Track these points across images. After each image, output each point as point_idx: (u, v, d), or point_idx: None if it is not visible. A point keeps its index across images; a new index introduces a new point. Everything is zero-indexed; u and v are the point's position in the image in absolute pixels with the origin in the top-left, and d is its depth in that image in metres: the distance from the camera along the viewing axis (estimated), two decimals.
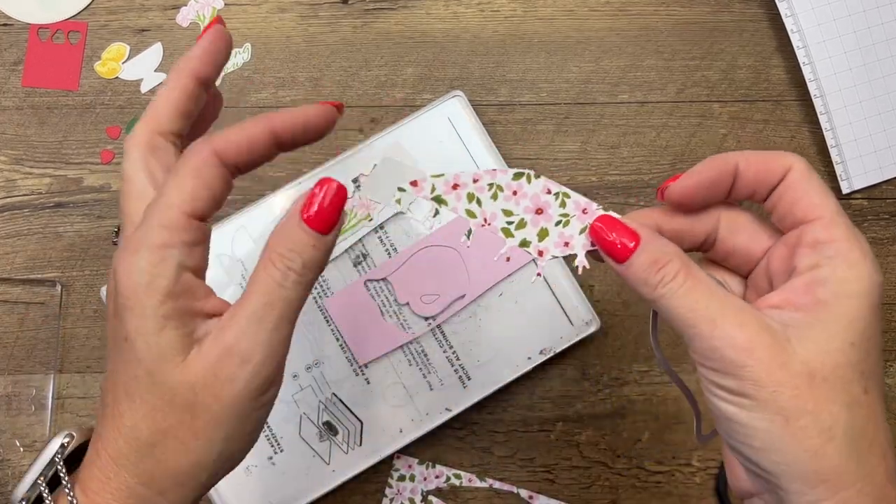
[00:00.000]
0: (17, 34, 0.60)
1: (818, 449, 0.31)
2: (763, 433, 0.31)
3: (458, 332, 0.57)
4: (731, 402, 0.32)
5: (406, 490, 0.58)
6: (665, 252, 0.33)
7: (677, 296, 0.32)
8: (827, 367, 0.31)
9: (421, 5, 0.61)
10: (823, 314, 0.32)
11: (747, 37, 0.61)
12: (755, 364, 0.31)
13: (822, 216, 0.33)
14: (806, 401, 0.31)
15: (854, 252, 0.32)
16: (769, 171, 0.34)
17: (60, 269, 0.59)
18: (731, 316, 0.32)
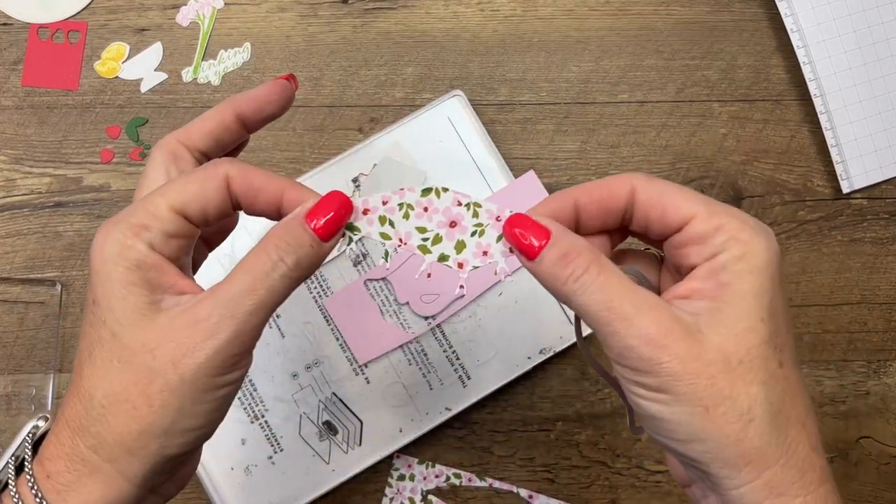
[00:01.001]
0: (17, 33, 0.60)
1: (739, 433, 0.31)
2: (685, 426, 0.31)
3: (458, 331, 0.57)
4: (651, 400, 0.32)
5: (406, 490, 0.58)
6: (574, 246, 0.33)
7: (589, 291, 0.32)
8: (741, 349, 0.31)
9: (421, 5, 0.61)
10: (729, 296, 0.32)
11: (747, 36, 0.61)
12: (670, 359, 0.31)
13: (697, 213, 0.33)
14: (722, 387, 0.31)
15: (744, 231, 0.32)
16: (612, 198, 0.35)
17: (60, 269, 0.59)
18: (644, 313, 0.31)
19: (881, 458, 0.59)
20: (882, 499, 0.59)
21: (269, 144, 0.60)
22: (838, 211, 0.60)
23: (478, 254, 0.36)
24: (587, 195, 0.35)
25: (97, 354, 0.32)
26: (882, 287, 0.60)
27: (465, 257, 0.36)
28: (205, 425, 0.33)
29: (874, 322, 0.60)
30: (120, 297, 0.32)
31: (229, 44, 0.61)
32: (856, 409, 0.59)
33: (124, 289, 0.32)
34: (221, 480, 0.56)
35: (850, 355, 0.60)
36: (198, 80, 0.60)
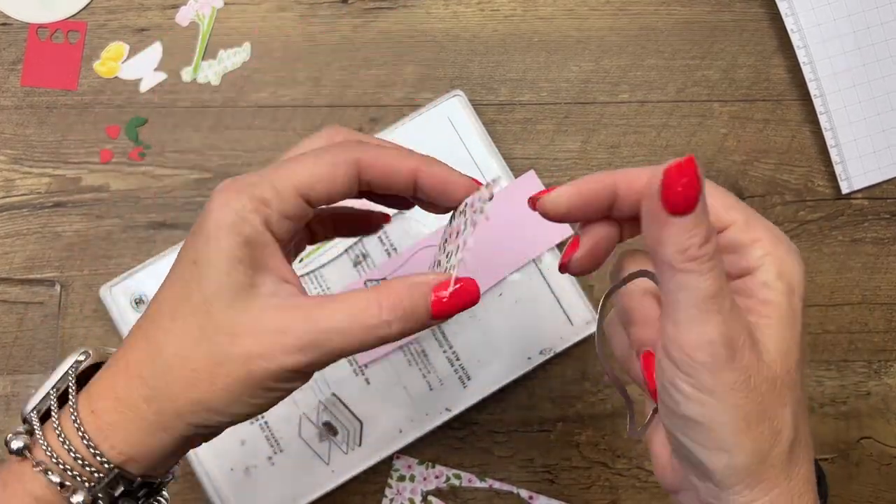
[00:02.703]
0: (17, 33, 0.60)
1: (767, 452, 0.31)
2: (721, 435, 0.31)
3: (458, 332, 0.57)
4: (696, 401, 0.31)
5: (406, 490, 0.58)
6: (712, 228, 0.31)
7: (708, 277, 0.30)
8: (783, 370, 0.31)
9: (421, 5, 0.61)
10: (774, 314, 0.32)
11: (747, 36, 0.61)
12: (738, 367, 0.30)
13: (735, 219, 0.33)
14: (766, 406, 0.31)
15: (779, 248, 0.32)
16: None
17: (59, 269, 0.59)
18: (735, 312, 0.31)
19: (882, 459, 0.59)
20: (883, 499, 0.59)
21: (269, 144, 0.60)
22: (839, 211, 0.60)
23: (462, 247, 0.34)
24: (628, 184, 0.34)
25: (181, 312, 0.33)
26: (883, 287, 0.60)
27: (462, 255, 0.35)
28: (251, 414, 0.34)
29: (875, 322, 0.60)
30: (224, 270, 0.32)
31: (229, 43, 0.60)
32: (857, 410, 0.59)
33: (229, 263, 0.32)
34: (221, 481, 0.56)
35: (851, 355, 0.59)
36: (197, 80, 0.60)
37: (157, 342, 0.33)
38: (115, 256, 0.59)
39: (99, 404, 0.33)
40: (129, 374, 0.33)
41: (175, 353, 0.32)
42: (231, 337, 0.32)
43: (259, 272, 0.33)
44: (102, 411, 0.33)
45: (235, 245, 0.32)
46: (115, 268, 0.58)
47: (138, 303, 0.56)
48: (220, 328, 0.32)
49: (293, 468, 0.56)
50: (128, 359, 0.34)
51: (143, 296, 0.56)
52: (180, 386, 0.32)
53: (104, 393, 0.34)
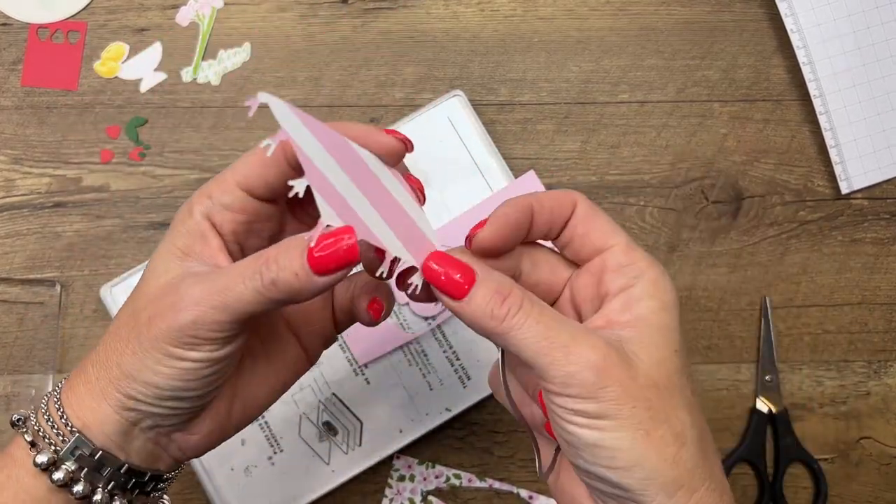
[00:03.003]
0: (17, 33, 0.60)
1: (675, 456, 0.32)
2: (626, 452, 0.32)
3: (458, 332, 0.57)
4: (592, 427, 0.32)
5: (406, 490, 0.58)
6: (505, 283, 0.33)
7: (527, 326, 0.32)
8: (664, 377, 0.33)
9: (421, 5, 0.61)
10: (646, 328, 0.33)
11: (747, 36, 0.61)
12: (612, 383, 0.31)
13: (618, 242, 0.35)
14: (658, 410, 0.32)
15: (654, 269, 0.35)
16: (561, 208, 0.36)
17: (59, 269, 0.59)
18: (581, 339, 0.32)
19: (882, 459, 0.59)
20: (883, 499, 0.59)
21: None
22: (839, 211, 0.60)
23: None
24: (540, 205, 0.35)
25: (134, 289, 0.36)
26: (882, 287, 0.60)
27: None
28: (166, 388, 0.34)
29: (875, 322, 0.60)
30: (160, 253, 0.36)
31: (229, 44, 0.60)
32: (856, 410, 0.59)
33: (166, 247, 0.36)
34: (221, 481, 0.56)
35: (851, 356, 0.59)
36: (197, 80, 0.60)
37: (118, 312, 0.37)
38: (116, 256, 0.59)
39: (74, 378, 0.36)
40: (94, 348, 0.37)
41: (114, 324, 0.36)
42: (145, 305, 0.35)
43: (189, 256, 0.35)
44: (70, 381, 0.36)
45: (177, 234, 0.36)
46: (116, 268, 0.59)
47: None
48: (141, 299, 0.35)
49: (293, 468, 0.56)
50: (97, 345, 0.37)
51: None
52: (111, 352, 0.35)
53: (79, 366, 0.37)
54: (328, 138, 0.33)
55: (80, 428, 0.35)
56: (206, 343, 0.34)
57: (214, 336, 0.33)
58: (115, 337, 0.35)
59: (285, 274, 0.32)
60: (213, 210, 0.36)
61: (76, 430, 0.35)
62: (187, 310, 0.33)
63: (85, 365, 0.36)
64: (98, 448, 0.35)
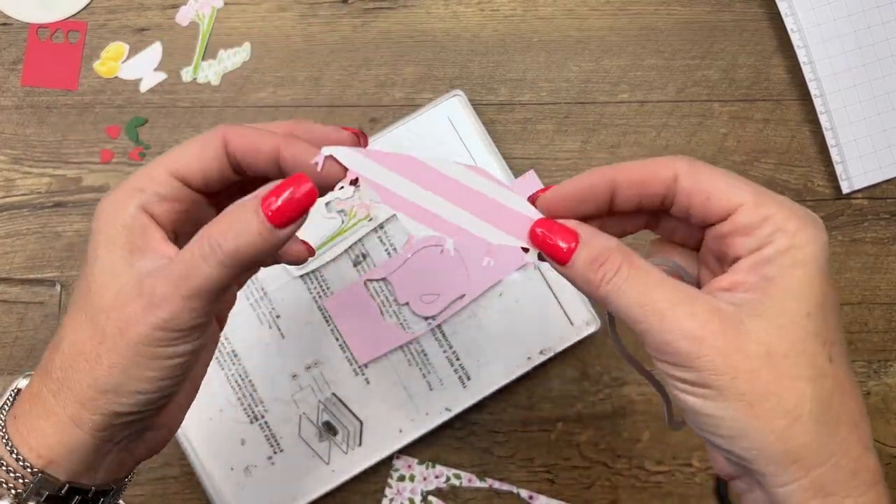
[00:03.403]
0: (17, 33, 0.60)
1: (785, 430, 0.30)
2: (729, 421, 0.31)
3: (458, 332, 0.57)
4: (693, 394, 0.31)
5: (406, 490, 0.58)
6: (604, 248, 0.33)
7: (622, 291, 0.32)
8: (785, 343, 0.30)
9: (421, 5, 0.61)
10: (773, 290, 0.31)
11: (747, 36, 0.61)
12: (709, 352, 0.30)
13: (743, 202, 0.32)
14: (766, 382, 0.30)
15: (790, 222, 0.31)
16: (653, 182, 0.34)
17: (59, 269, 0.59)
18: (679, 306, 0.31)
19: (882, 459, 0.59)
20: None
21: None
22: (839, 211, 0.60)
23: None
24: (626, 176, 0.34)
25: (73, 306, 0.34)
26: (882, 287, 0.60)
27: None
28: (154, 391, 0.34)
29: (875, 322, 0.60)
30: (100, 256, 0.34)
31: (229, 43, 0.60)
32: None
33: (105, 248, 0.34)
34: (221, 481, 0.56)
35: (851, 355, 0.59)
36: (197, 80, 0.60)
37: (59, 338, 0.34)
38: None
39: (19, 409, 0.34)
40: (39, 374, 0.34)
41: (69, 343, 0.34)
42: (105, 315, 0.33)
43: (135, 252, 0.34)
44: (21, 414, 0.34)
45: (112, 231, 0.34)
46: None
47: None
48: (99, 309, 0.33)
49: (293, 468, 0.56)
50: (41, 362, 0.35)
51: None
52: (77, 373, 0.33)
53: (24, 397, 0.35)
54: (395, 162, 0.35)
55: (42, 466, 0.33)
56: (189, 333, 0.33)
57: (194, 324, 0.33)
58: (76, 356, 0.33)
59: (246, 237, 0.32)
60: (149, 202, 0.34)
61: (37, 469, 0.33)
62: (160, 308, 0.32)
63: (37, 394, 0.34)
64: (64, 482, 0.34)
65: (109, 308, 0.33)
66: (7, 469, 0.33)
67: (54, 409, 0.33)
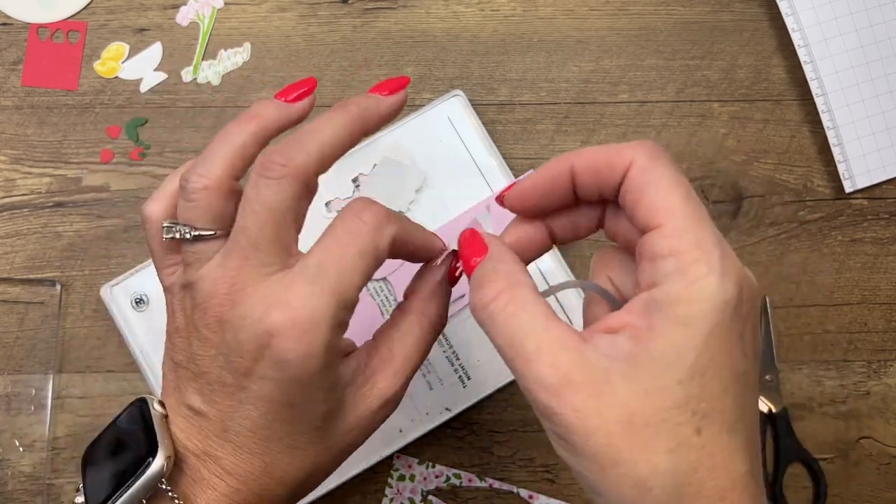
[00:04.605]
0: (17, 33, 0.60)
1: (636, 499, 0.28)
2: (585, 479, 0.29)
3: (457, 332, 0.57)
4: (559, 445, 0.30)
5: (406, 490, 0.58)
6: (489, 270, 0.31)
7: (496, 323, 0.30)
8: (648, 410, 0.28)
9: (421, 5, 0.61)
10: (651, 345, 0.28)
11: (748, 36, 0.61)
12: (565, 411, 0.28)
13: (664, 223, 0.29)
14: (620, 449, 0.28)
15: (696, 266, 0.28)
16: (609, 168, 0.31)
17: (60, 269, 0.59)
18: (545, 354, 0.29)
19: (881, 459, 0.59)
20: (882, 499, 0.59)
21: None
22: (839, 211, 0.60)
23: None
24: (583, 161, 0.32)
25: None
26: (882, 287, 0.60)
27: None
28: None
29: (875, 322, 0.60)
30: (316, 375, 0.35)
31: (229, 44, 0.60)
32: (856, 410, 0.59)
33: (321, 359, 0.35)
34: None
35: (851, 355, 0.59)
36: (198, 80, 0.60)
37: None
38: (116, 256, 0.59)
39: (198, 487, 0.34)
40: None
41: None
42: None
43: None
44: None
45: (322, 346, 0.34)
46: (116, 268, 0.59)
47: (139, 303, 0.56)
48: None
49: None
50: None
51: (144, 296, 0.56)
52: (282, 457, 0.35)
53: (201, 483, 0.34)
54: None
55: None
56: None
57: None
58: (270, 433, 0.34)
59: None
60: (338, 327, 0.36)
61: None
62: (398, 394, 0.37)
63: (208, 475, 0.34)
64: None
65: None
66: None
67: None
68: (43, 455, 0.57)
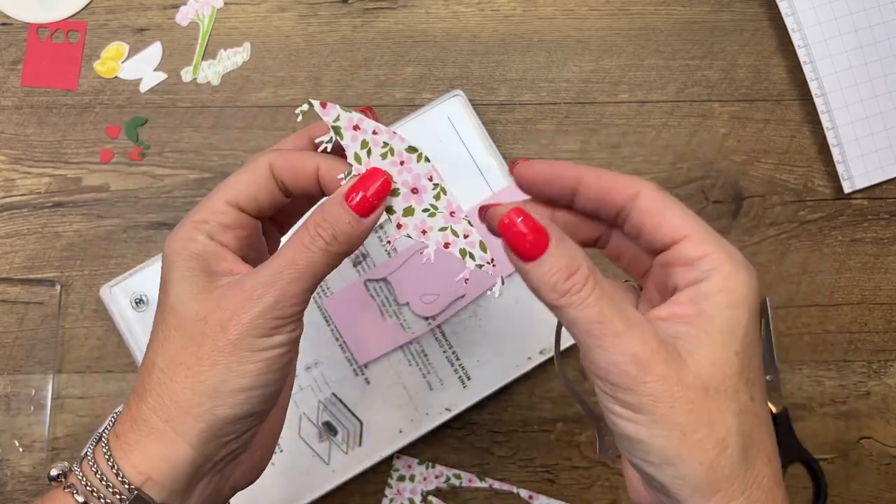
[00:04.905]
0: (17, 33, 0.60)
1: (713, 461, 0.31)
2: (660, 449, 0.32)
3: (457, 332, 0.57)
4: (629, 420, 0.32)
5: (406, 490, 0.58)
6: (575, 258, 0.33)
7: (585, 305, 0.32)
8: (717, 378, 0.32)
9: (421, 4, 0.61)
10: (708, 325, 0.33)
11: (748, 36, 0.61)
12: (654, 379, 0.31)
13: (689, 235, 0.34)
14: (701, 413, 0.31)
15: (727, 264, 0.33)
16: (613, 191, 0.35)
17: (59, 269, 0.59)
18: (634, 330, 0.32)
19: (882, 459, 0.59)
20: (882, 499, 0.59)
21: (269, 144, 0.59)
22: (839, 211, 0.60)
23: (418, 228, 0.37)
24: (592, 178, 0.36)
25: (159, 328, 0.36)
26: (882, 287, 0.60)
27: (406, 222, 0.38)
28: (253, 387, 0.35)
29: (875, 322, 0.60)
30: (179, 280, 0.36)
31: (229, 44, 0.60)
32: (856, 410, 0.59)
33: (184, 273, 0.36)
34: None
35: (851, 355, 0.59)
36: (197, 80, 0.60)
37: (149, 359, 0.36)
38: (116, 256, 0.59)
39: (119, 429, 0.36)
40: (136, 396, 0.36)
41: (163, 359, 0.35)
42: (202, 321, 0.35)
43: (213, 275, 0.36)
44: (123, 434, 0.35)
45: (187, 259, 0.36)
46: (116, 268, 0.59)
47: (138, 303, 0.56)
48: (190, 320, 0.35)
49: (293, 468, 0.56)
50: (134, 385, 0.37)
51: (144, 296, 0.56)
52: (176, 383, 0.35)
53: (123, 419, 0.36)
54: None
55: (140, 484, 0.34)
56: (289, 321, 0.35)
57: (295, 311, 0.35)
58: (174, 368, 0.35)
59: (340, 226, 0.35)
60: (214, 231, 0.37)
61: (134, 487, 0.34)
62: (266, 293, 0.34)
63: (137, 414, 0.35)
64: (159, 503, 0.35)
65: (204, 315, 0.35)
66: (107, 484, 0.35)
67: (157, 426, 0.35)
68: (43, 455, 0.57)
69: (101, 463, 0.35)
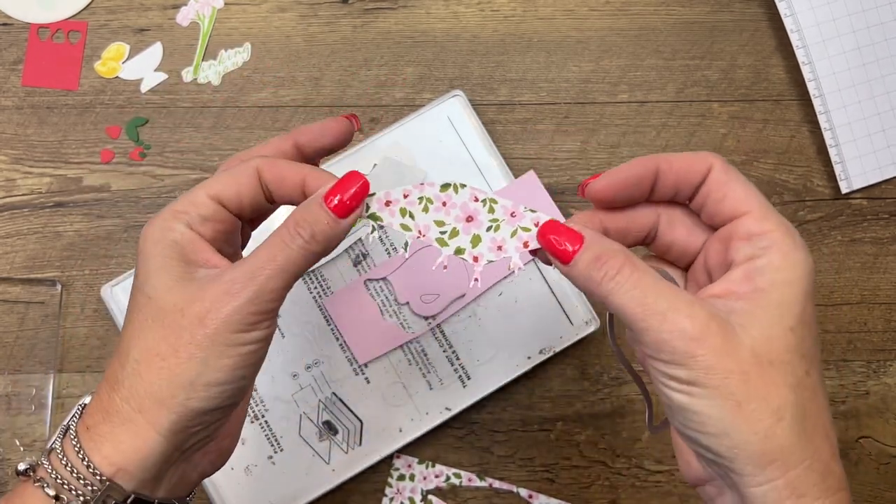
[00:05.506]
0: (17, 33, 0.60)
1: (768, 430, 0.32)
2: (715, 419, 0.32)
3: (458, 331, 0.57)
4: (683, 392, 0.33)
5: (406, 490, 0.58)
6: (606, 248, 0.34)
7: (624, 290, 0.33)
8: (772, 352, 0.32)
9: (421, 5, 0.61)
10: (763, 301, 0.33)
11: (747, 36, 0.61)
12: (706, 352, 0.32)
13: (751, 210, 0.35)
14: (755, 384, 0.32)
15: (786, 242, 0.34)
16: (691, 171, 0.36)
17: (60, 269, 0.59)
18: (680, 307, 0.33)
19: (881, 458, 0.59)
20: (882, 498, 0.59)
21: None
22: (838, 211, 0.60)
23: (492, 248, 0.38)
24: (669, 164, 0.36)
25: (134, 317, 0.36)
26: (882, 287, 0.60)
27: (480, 251, 0.38)
28: (227, 381, 0.35)
29: (874, 322, 0.60)
30: (157, 268, 0.36)
31: (229, 44, 0.61)
32: (856, 409, 0.59)
33: (161, 261, 0.36)
34: (221, 480, 0.56)
35: (850, 355, 0.60)
36: (198, 80, 0.60)
37: (124, 348, 0.36)
38: (116, 256, 0.59)
39: (90, 420, 0.36)
40: (108, 385, 0.36)
41: (138, 349, 0.35)
42: (179, 313, 0.35)
43: (190, 264, 0.36)
44: (94, 425, 0.35)
45: (163, 248, 0.36)
46: (116, 267, 0.59)
47: None
48: (167, 311, 0.35)
49: (293, 467, 0.56)
50: (106, 374, 0.36)
51: None
52: (151, 373, 0.35)
53: (93, 409, 0.36)
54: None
55: (111, 475, 0.34)
56: (265, 318, 0.35)
57: (271, 307, 0.35)
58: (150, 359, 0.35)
59: (319, 226, 0.36)
60: (193, 221, 0.37)
61: (105, 477, 0.34)
62: (246, 287, 0.34)
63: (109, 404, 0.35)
64: (130, 493, 0.35)
65: (182, 306, 0.35)
66: (77, 476, 0.34)
67: (129, 416, 0.35)
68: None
69: (71, 455, 0.35)
